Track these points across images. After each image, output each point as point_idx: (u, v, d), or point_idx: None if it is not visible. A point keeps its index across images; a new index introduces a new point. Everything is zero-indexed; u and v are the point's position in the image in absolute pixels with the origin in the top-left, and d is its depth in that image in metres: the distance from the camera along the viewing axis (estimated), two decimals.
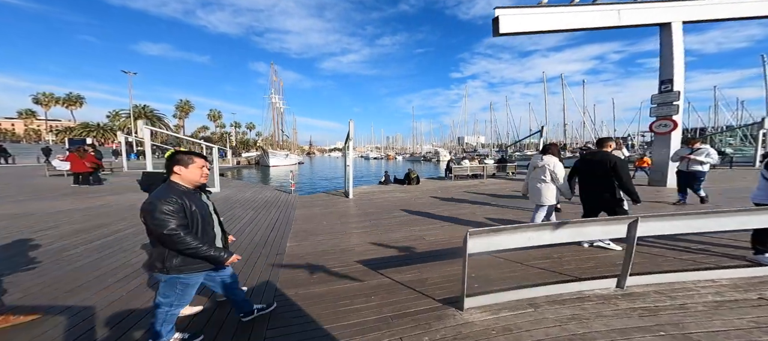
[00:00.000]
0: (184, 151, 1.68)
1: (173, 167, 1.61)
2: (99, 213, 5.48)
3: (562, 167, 3.63)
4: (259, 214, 6.01)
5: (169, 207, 1.46)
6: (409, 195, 8.56)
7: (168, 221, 1.44)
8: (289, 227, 4.97)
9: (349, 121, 8.21)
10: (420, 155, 75.65)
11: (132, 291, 2.55)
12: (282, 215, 5.92)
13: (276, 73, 51.73)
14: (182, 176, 1.63)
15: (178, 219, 1.47)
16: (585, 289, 2.42)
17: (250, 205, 6.93)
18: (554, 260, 3.15)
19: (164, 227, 1.43)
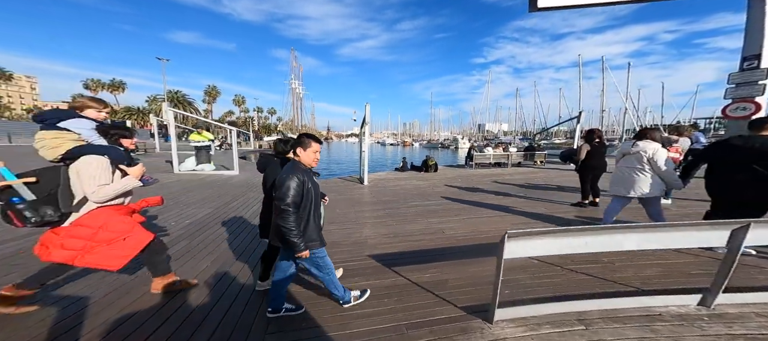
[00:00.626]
0: (306, 134, 1.79)
1: (296, 148, 1.77)
2: (193, 187, 5.79)
3: (665, 154, 2.95)
4: None
5: (294, 183, 1.61)
6: (426, 183, 8.11)
7: (288, 196, 1.58)
8: None
9: (365, 104, 7.77)
10: (437, 142, 73.77)
11: (133, 279, 2.44)
12: None
13: (296, 59, 51.85)
14: (301, 158, 1.77)
15: (296, 197, 1.61)
16: (656, 305, 1.93)
17: None
18: (604, 265, 2.63)
19: (283, 200, 1.57)
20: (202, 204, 5.05)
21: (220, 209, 4.83)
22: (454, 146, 62.95)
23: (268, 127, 73.30)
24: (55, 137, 1.71)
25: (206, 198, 5.51)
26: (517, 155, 11.04)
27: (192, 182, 7.06)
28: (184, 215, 4.40)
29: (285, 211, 1.58)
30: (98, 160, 1.73)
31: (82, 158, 1.72)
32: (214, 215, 4.45)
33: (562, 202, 5.03)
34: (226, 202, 5.30)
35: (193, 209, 4.67)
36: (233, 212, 4.72)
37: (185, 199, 5.40)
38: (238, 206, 5.08)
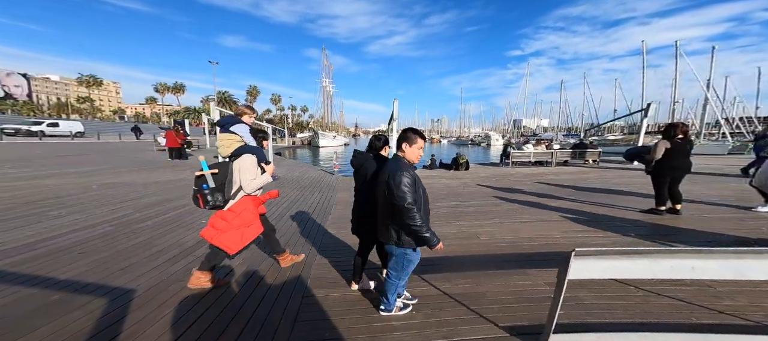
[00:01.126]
0: (411, 129, 1.71)
1: (401, 143, 1.70)
2: (176, 186, 6.28)
3: None
4: (302, 194, 6.07)
5: (409, 181, 1.56)
6: (457, 182, 7.65)
7: (408, 194, 1.53)
8: (328, 212, 4.79)
9: (394, 100, 7.57)
10: (467, 139, 70.52)
11: (173, 275, 2.58)
12: (323, 198, 5.84)
13: (327, 58, 53.55)
14: (406, 154, 1.70)
15: (414, 194, 1.56)
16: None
17: (296, 184, 7.12)
18: (701, 288, 2.10)
19: (405, 200, 1.52)
20: None
21: None
22: (485, 143, 59.54)
23: (300, 124, 77.50)
24: (228, 139, 2.15)
25: None
26: (562, 153, 9.83)
27: None
28: None
29: (410, 210, 1.54)
30: (252, 158, 2.14)
31: (242, 156, 2.12)
32: None
33: (626, 207, 4.26)
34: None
35: None
36: (269, 204, 4.90)
37: None
38: (270, 204, 5.28)
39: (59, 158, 10.68)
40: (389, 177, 1.58)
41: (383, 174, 1.66)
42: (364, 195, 2.05)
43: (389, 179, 1.58)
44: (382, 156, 2.06)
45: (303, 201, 5.51)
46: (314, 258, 2.94)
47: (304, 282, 2.48)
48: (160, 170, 8.27)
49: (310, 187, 6.94)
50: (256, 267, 2.74)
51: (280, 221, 4.14)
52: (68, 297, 2.20)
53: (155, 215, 4.18)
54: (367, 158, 2.08)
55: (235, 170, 2.11)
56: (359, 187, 2.12)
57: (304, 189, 6.61)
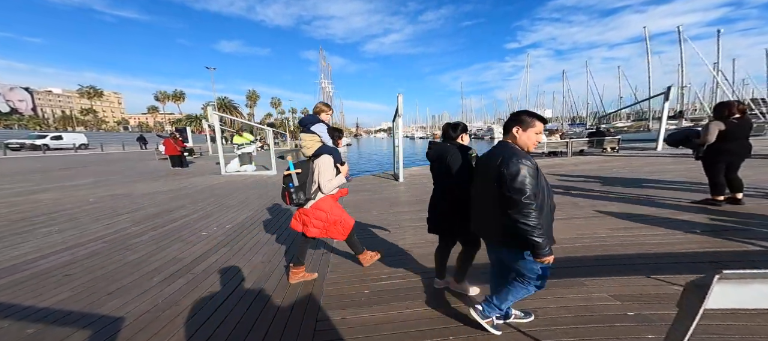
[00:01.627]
0: (526, 111, 1.43)
1: (512, 127, 1.43)
2: (177, 196, 6.01)
3: None
4: None
5: (530, 171, 1.31)
6: None
7: (527, 186, 1.29)
8: None
9: (398, 95, 7.17)
10: (471, 133, 69.67)
11: (168, 298, 2.27)
12: None
13: (325, 59, 53.33)
14: (519, 140, 1.43)
15: (534, 187, 1.32)
16: None
17: None
18: None
19: (523, 193, 1.28)
20: (242, 207, 5.05)
21: (259, 212, 4.74)
22: (489, 136, 58.87)
23: None
24: (310, 139, 2.19)
25: (246, 200, 5.54)
26: (577, 143, 9.34)
27: (235, 183, 7.32)
28: (226, 219, 4.38)
29: (526, 206, 1.28)
30: (329, 159, 2.17)
31: (321, 156, 2.15)
32: (254, 218, 4.35)
33: (671, 199, 3.81)
34: (264, 204, 5.24)
35: (234, 213, 4.66)
36: (271, 214, 4.59)
37: (228, 201, 5.48)
38: (277, 209, 4.97)
39: (61, 171, 10.52)
40: (502, 166, 1.33)
41: (489, 164, 1.42)
42: (441, 190, 1.91)
43: (502, 168, 1.32)
44: (464, 146, 1.87)
45: None
46: (325, 274, 2.60)
47: (316, 303, 2.14)
48: (161, 180, 8.02)
49: None
50: (259, 286, 2.41)
51: (283, 233, 3.81)
52: (45, 330, 1.89)
53: (152, 228, 3.88)
54: (447, 149, 1.86)
55: (316, 170, 2.15)
56: (437, 181, 1.97)
57: None
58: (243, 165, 8.90)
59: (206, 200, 5.58)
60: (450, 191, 1.80)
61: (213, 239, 3.47)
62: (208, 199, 5.63)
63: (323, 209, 2.20)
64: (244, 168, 8.81)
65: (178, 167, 10.09)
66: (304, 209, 2.21)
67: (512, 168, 1.29)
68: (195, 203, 5.27)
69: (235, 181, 7.62)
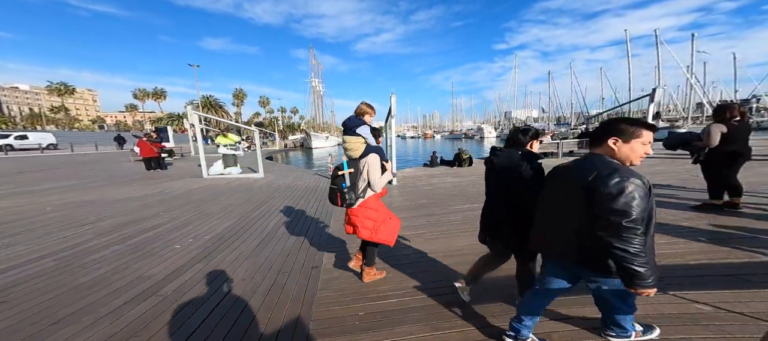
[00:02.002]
0: (626, 119, 1.23)
1: (606, 138, 1.23)
2: (151, 202, 5.53)
3: None
4: (297, 204, 5.42)
5: (640, 192, 1.11)
6: (462, 180, 7.15)
7: (634, 208, 1.09)
8: (327, 225, 4.17)
9: (391, 95, 6.95)
10: (461, 133, 70.80)
11: (130, 325, 1.94)
12: (320, 208, 5.20)
13: (315, 57, 52.38)
14: (617, 153, 1.21)
15: (642, 210, 1.11)
16: None
17: (288, 193, 6.44)
18: None
19: (627, 215, 1.09)
20: (224, 215, 4.67)
21: (243, 221, 4.39)
22: (479, 136, 59.81)
23: (292, 126, 76.09)
24: (356, 141, 2.18)
25: (229, 207, 5.15)
26: (568, 144, 9.45)
27: (218, 188, 6.86)
28: (204, 229, 4.00)
29: (630, 230, 1.10)
30: (377, 157, 2.20)
31: (370, 155, 2.17)
32: (236, 228, 4.00)
33: (670, 204, 3.76)
34: (248, 211, 4.88)
35: (214, 222, 4.27)
36: (257, 223, 4.25)
37: (208, 208, 5.07)
38: (264, 217, 4.63)
39: (24, 174, 9.62)
40: (598, 182, 1.14)
41: (574, 176, 1.25)
42: (500, 199, 1.73)
43: (598, 185, 1.14)
44: (534, 153, 1.68)
45: (297, 214, 4.87)
46: (314, 293, 2.34)
47: (303, 329, 1.88)
48: (135, 184, 7.43)
49: (305, 196, 6.29)
50: (239, 308, 2.11)
51: (270, 242, 3.50)
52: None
53: (118, 241, 3.47)
54: (517, 158, 1.65)
55: (364, 170, 2.17)
56: (496, 189, 1.78)
57: (298, 199, 5.96)
58: (227, 167, 8.41)
59: (183, 207, 5.14)
60: (519, 205, 1.61)
61: (187, 253, 3.11)
62: (185, 206, 5.20)
63: (371, 207, 2.23)
64: (229, 171, 8.32)
65: (156, 169, 9.42)
66: (353, 210, 2.24)
67: (613, 186, 1.10)
68: (170, 211, 4.83)
69: (217, 185, 7.16)
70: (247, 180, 7.85)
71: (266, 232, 3.82)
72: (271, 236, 3.68)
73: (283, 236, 3.69)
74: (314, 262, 2.90)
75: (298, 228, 4.02)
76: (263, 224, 4.19)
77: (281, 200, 5.72)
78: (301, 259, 2.99)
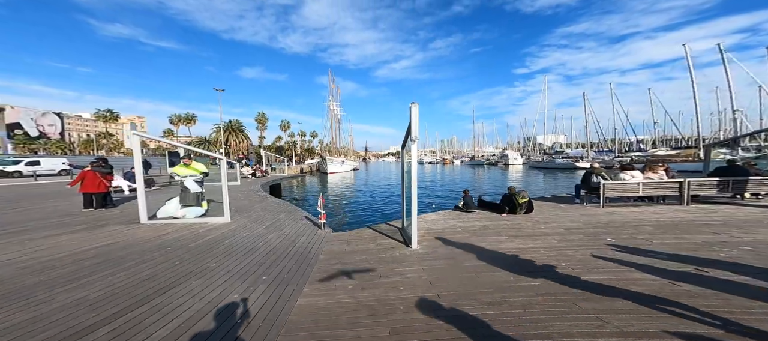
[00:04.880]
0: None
1: None
2: (88, 265, 3.26)
3: None
4: (245, 289, 2.74)
5: None
6: (526, 241, 4.18)
7: None
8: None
9: (411, 105, 4.42)
10: (483, 159, 66.56)
11: None
12: (278, 305, 2.48)
13: (334, 81, 53.34)
14: None
15: None
16: None
17: (243, 258, 3.85)
18: None
19: None
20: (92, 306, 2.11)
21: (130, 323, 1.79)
22: (503, 163, 55.18)
23: (310, 150, 76.89)
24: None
25: (115, 290, 2.60)
26: (695, 184, 5.97)
27: (149, 243, 4.45)
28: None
29: None
30: None
31: None
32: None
33: None
34: (127, 305, 2.29)
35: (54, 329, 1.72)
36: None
37: (83, 288, 2.55)
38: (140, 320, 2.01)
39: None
40: None
41: None
42: None
43: None
44: None
45: (232, 319, 2.18)
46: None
47: None
48: (78, 231, 5.24)
49: (269, 264, 3.70)
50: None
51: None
52: None
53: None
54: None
55: None
56: None
57: (250, 273, 3.34)
58: (185, 207, 6.17)
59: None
60: None
61: None
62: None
63: None
64: (185, 213, 6.05)
65: (101, 208, 7.01)
66: None
67: None
68: (17, 292, 2.39)
69: (142, 238, 4.74)
70: (200, 229, 5.46)
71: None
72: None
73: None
74: None
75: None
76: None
77: (219, 278, 3.10)
78: None
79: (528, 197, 5.90)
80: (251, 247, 4.47)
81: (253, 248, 4.41)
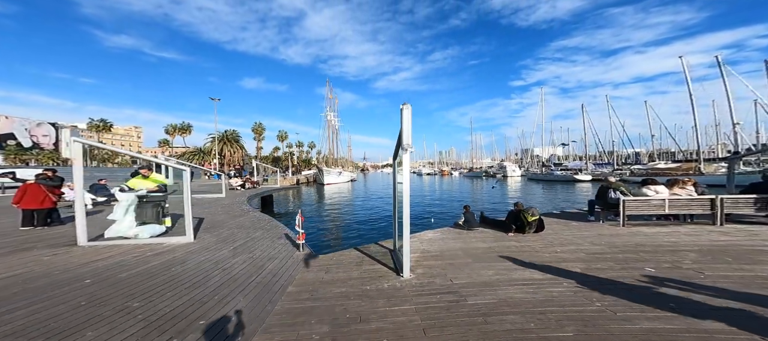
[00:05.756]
0: None
1: None
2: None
3: None
4: (194, 316, 1.89)
5: None
6: (542, 270, 3.33)
7: None
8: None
9: (402, 107, 3.69)
10: (481, 170, 66.13)
11: None
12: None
13: (332, 91, 53.33)
14: None
15: None
16: None
17: (184, 294, 2.96)
18: None
19: None
20: None
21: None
22: (501, 174, 54.63)
23: (307, 161, 76.15)
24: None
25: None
26: (729, 202, 5.20)
27: (75, 276, 3.57)
28: None
29: None
30: None
31: None
32: None
33: None
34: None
35: None
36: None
37: None
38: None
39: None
40: None
41: None
42: None
43: None
44: None
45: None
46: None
47: None
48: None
49: (225, 296, 2.81)
50: None
51: None
52: None
53: None
54: None
55: None
56: None
57: (193, 314, 2.47)
58: (142, 225, 5.29)
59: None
60: None
61: None
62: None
63: None
64: (138, 232, 5.17)
65: (43, 226, 6.05)
66: None
67: None
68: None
69: (76, 266, 3.91)
70: (149, 252, 4.58)
71: None
72: None
73: None
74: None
75: None
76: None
77: (138, 320, 2.23)
78: None
79: (538, 215, 5.12)
80: (203, 277, 3.60)
81: (206, 279, 3.54)
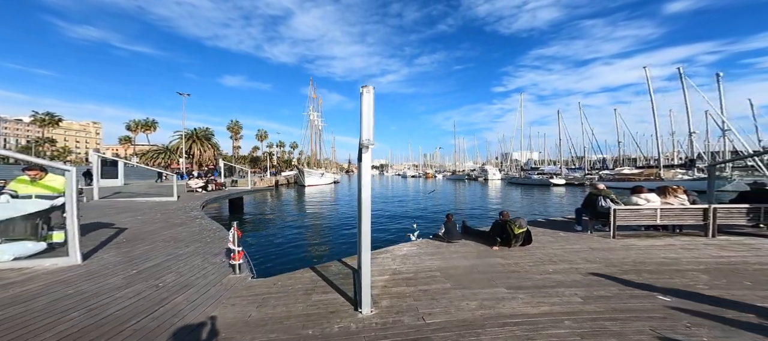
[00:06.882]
0: None
1: None
2: None
3: None
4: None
5: None
6: (534, 295, 2.54)
7: None
8: None
9: (362, 89, 2.80)
10: (464, 173, 67.27)
11: None
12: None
13: (316, 91, 51.42)
14: None
15: None
16: None
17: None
18: None
19: None
20: None
21: None
22: (483, 178, 55.76)
23: (288, 161, 73.04)
24: None
25: None
26: (723, 212, 4.76)
27: None
28: None
29: None
30: None
31: None
32: None
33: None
34: None
35: None
36: None
37: None
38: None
39: None
40: None
41: None
42: None
43: None
44: None
45: None
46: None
47: None
48: None
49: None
50: None
51: None
52: None
53: None
54: None
55: None
56: None
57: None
58: (7, 242, 3.88)
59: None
60: None
61: None
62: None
63: None
64: (2, 251, 3.77)
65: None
66: None
67: None
68: None
69: None
70: (3, 281, 3.29)
71: None
72: None
73: None
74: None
75: None
76: None
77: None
78: None
79: (526, 227, 4.46)
80: (50, 321, 2.44)
81: (52, 324, 2.39)
